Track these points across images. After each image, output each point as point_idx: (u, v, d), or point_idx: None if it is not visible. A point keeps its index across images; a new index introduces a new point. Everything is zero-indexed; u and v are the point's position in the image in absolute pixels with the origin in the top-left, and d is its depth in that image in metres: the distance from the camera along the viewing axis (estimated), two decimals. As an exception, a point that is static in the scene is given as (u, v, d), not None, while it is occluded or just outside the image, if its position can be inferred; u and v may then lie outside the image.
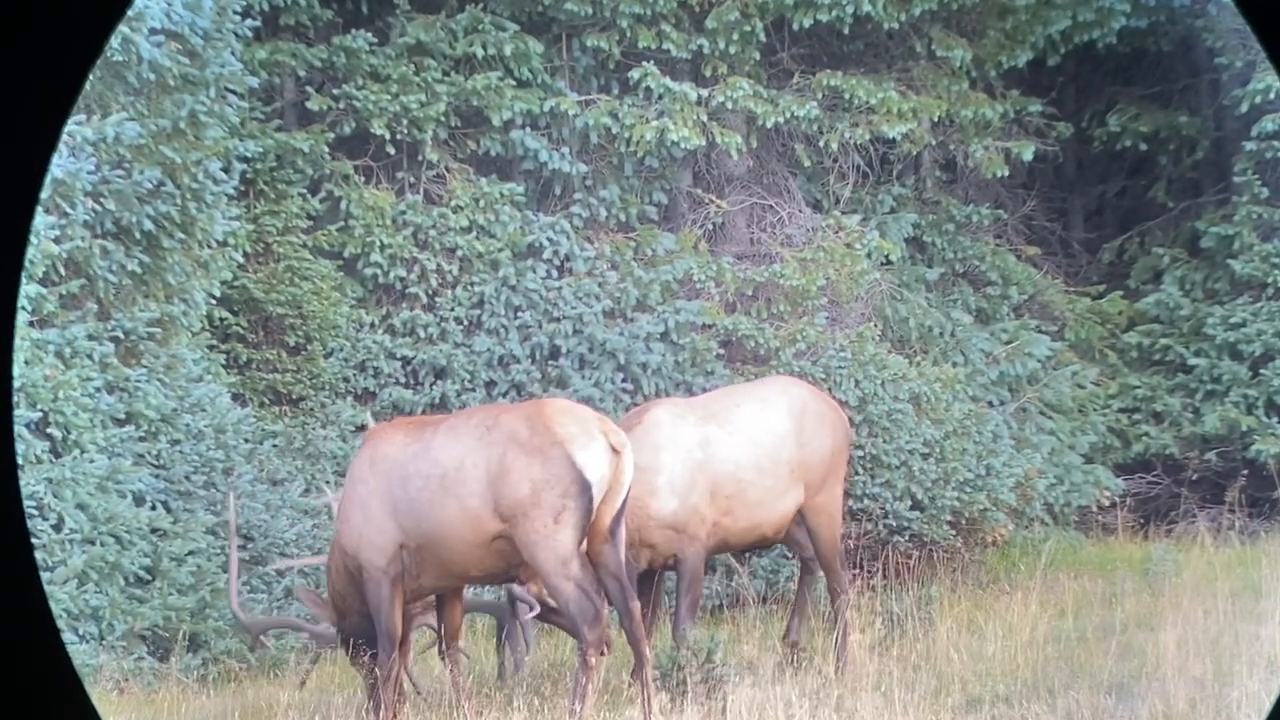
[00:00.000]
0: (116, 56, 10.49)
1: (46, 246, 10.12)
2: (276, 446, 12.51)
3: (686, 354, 13.69)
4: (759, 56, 14.55)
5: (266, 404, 13.17)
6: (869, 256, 14.53)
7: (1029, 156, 15.46)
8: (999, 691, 8.30)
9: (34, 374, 9.99)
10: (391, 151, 14.02)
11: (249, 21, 11.91)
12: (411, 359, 13.72)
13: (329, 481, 12.42)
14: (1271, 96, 15.15)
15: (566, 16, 14.23)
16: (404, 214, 13.90)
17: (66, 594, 9.82)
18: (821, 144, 14.71)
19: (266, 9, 13.35)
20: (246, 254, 12.80)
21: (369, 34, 13.86)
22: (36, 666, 4.41)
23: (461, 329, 13.86)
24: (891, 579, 11.45)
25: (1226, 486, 14.54)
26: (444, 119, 13.98)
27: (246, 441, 11.84)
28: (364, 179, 14.01)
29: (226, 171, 11.55)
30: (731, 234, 14.79)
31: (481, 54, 14.02)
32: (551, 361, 13.67)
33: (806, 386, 10.03)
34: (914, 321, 14.91)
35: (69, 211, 10.35)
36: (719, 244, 14.69)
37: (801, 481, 9.39)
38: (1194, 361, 15.66)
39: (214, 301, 12.28)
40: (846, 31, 14.48)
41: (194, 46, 11.11)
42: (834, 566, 9.56)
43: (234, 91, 11.71)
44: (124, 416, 10.76)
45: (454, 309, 13.83)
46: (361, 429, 12.59)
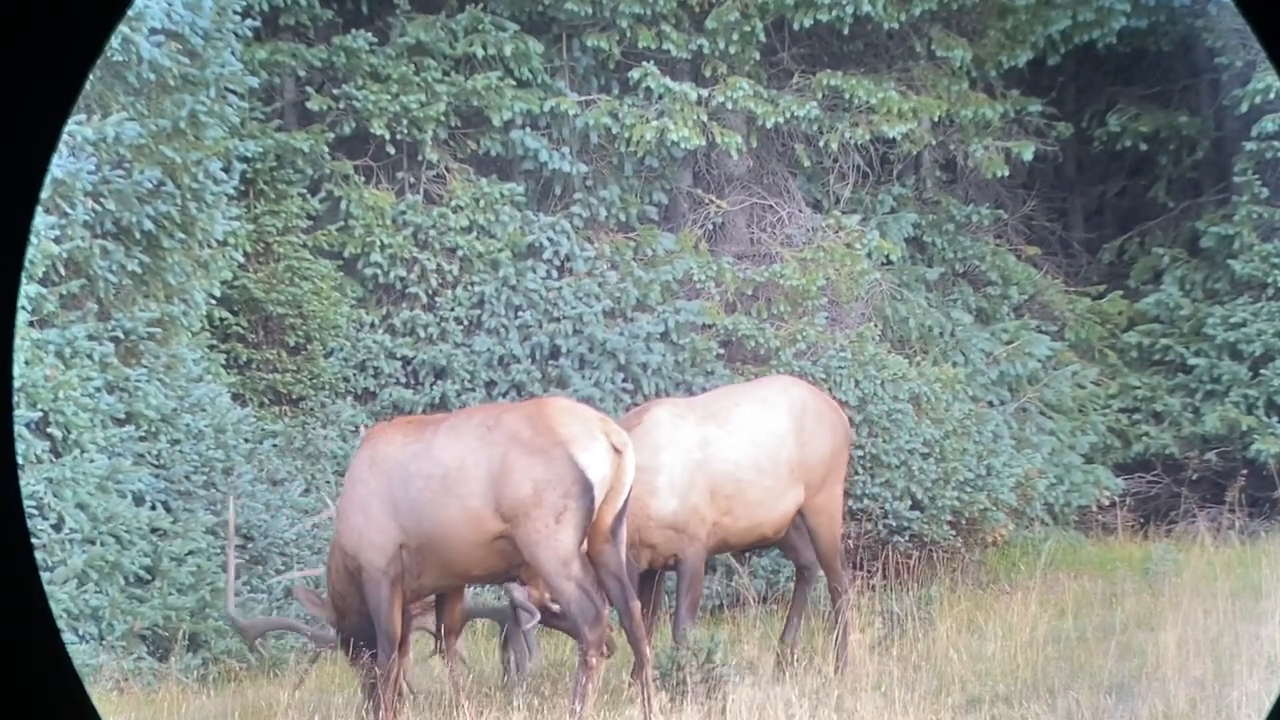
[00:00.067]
0: (116, 56, 10.48)
1: (46, 246, 10.12)
2: (276, 446, 12.50)
3: (686, 354, 13.69)
4: (759, 56, 14.55)
5: (266, 404, 13.17)
6: (869, 256, 14.52)
7: (1029, 156, 15.45)
8: (999, 691, 8.30)
9: (34, 374, 9.99)
10: (391, 151, 14.01)
11: (249, 21, 11.90)
12: (411, 359, 13.72)
13: (329, 481, 12.42)
14: (1271, 96, 15.14)
15: (566, 16, 14.23)
16: (404, 214, 13.90)
17: (66, 594, 9.81)
18: (821, 144, 14.70)
19: (266, 9, 13.34)
20: (246, 254, 12.80)
21: (369, 34, 13.85)
22: (36, 666, 4.41)
23: (461, 329, 13.86)
24: (891, 579, 11.45)
25: (1226, 486, 14.53)
26: (444, 119, 13.98)
27: (246, 441, 11.84)
28: (364, 179, 14.00)
29: (226, 171, 11.54)
30: (731, 234, 14.78)
31: (481, 54, 14.02)
32: (551, 361, 13.66)
33: (806, 386, 10.03)
34: (914, 321, 14.90)
35: (69, 211, 10.34)
36: (719, 244, 14.68)
37: (801, 481, 9.39)
38: (1194, 361, 15.66)
39: (214, 301, 12.28)
40: (846, 31, 14.46)
41: (194, 46, 11.10)
42: (834, 566, 9.56)
43: (234, 91, 11.71)
44: (124, 416, 10.75)
45: (454, 309, 13.83)
46: (361, 429, 12.59)
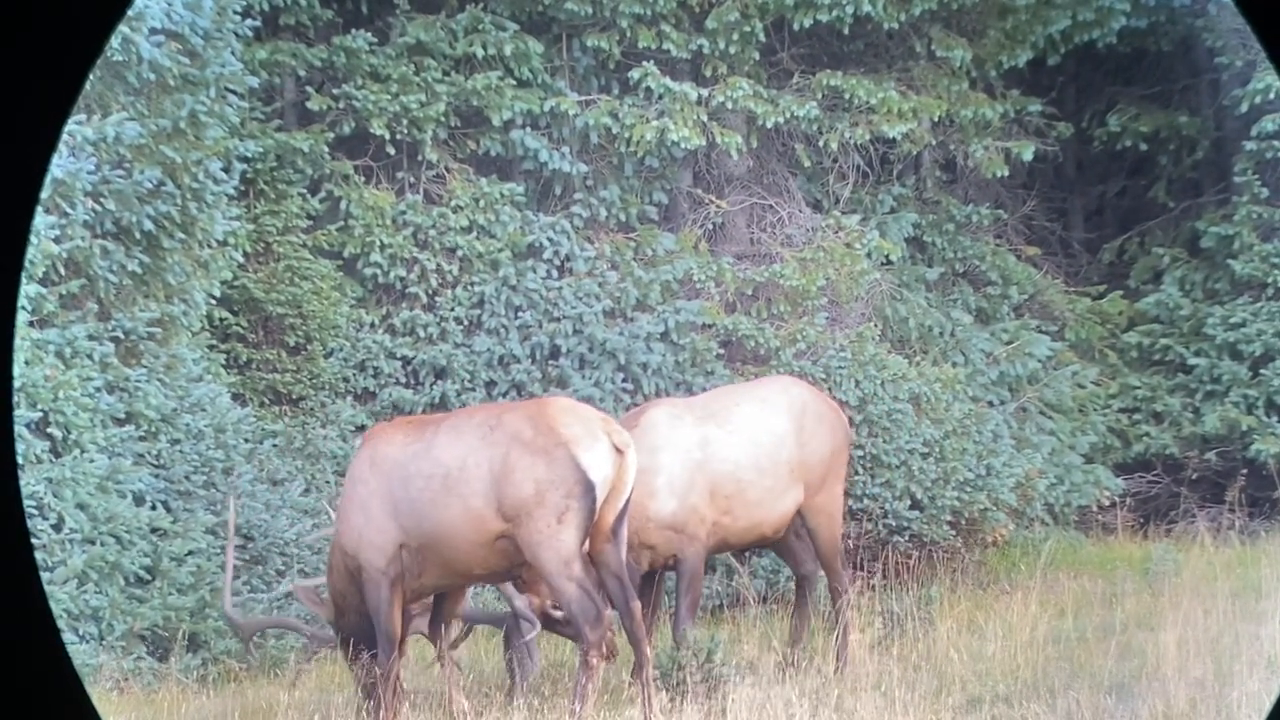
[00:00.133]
0: (116, 56, 10.48)
1: (46, 246, 10.11)
2: (276, 446, 12.50)
3: (686, 354, 13.69)
4: (759, 56, 14.55)
5: (266, 404, 13.17)
6: (869, 256, 14.52)
7: (1029, 156, 15.45)
8: (999, 691, 8.30)
9: (34, 374, 9.99)
10: (391, 151, 14.01)
11: (249, 21, 11.90)
12: (411, 359, 13.72)
13: (329, 481, 12.42)
14: (1271, 96, 15.15)
15: (566, 16, 14.23)
16: (404, 214, 13.89)
17: (66, 594, 9.81)
18: (821, 144, 14.70)
19: (266, 9, 13.34)
20: (246, 254, 12.80)
21: (369, 34, 13.85)
22: (36, 666, 4.41)
23: (461, 329, 13.86)
24: (891, 579, 11.44)
25: (1226, 486, 14.54)
26: (444, 119, 13.98)
27: (246, 441, 11.84)
28: (364, 179, 14.00)
29: (226, 171, 11.54)
30: (731, 234, 14.78)
31: (481, 54, 14.01)
32: (552, 361, 13.66)
33: (806, 386, 10.02)
34: (914, 321, 14.90)
35: (69, 211, 10.34)
36: (719, 244, 14.68)
37: (801, 481, 9.38)
38: (1194, 361, 15.66)
39: (214, 301, 12.28)
40: (846, 31, 14.47)
41: (194, 46, 11.10)
42: (834, 566, 9.56)
43: (234, 91, 11.71)
44: (124, 416, 10.75)
45: (454, 309, 13.83)
46: (361, 429, 12.59)
